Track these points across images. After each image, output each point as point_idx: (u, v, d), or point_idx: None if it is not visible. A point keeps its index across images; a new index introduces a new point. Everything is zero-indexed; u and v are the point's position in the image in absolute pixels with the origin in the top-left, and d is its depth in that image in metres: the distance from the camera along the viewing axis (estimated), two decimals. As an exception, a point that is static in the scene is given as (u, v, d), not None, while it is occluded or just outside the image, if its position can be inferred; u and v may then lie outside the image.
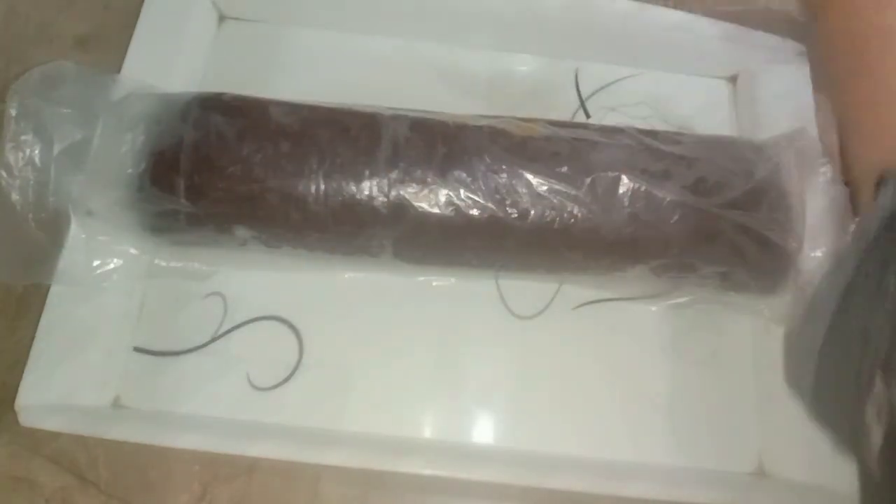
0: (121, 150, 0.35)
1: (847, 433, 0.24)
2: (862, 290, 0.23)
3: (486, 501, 0.37)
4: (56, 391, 0.35)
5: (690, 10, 0.44)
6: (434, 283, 0.40)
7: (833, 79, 0.31)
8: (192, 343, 0.39)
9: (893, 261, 0.22)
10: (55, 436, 0.36)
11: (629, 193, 0.35)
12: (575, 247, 0.36)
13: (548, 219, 0.35)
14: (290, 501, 0.36)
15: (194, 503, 0.36)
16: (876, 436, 0.21)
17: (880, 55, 0.28)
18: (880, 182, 0.25)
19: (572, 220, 0.35)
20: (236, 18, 0.46)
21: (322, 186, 0.34)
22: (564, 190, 0.35)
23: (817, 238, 0.35)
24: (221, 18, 0.46)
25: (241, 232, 0.36)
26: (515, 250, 0.36)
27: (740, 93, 0.47)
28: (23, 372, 0.35)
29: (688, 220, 0.35)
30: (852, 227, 0.29)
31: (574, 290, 0.41)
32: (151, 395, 0.38)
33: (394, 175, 0.34)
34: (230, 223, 0.35)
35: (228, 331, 0.39)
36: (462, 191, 0.35)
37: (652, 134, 0.38)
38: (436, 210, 0.35)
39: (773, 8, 0.50)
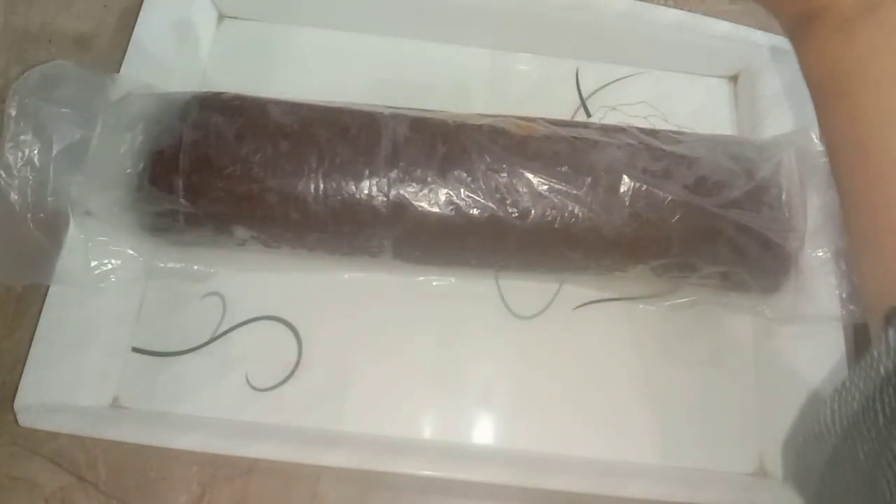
0: (120, 150, 0.35)
1: None
2: (868, 432, 0.22)
3: (486, 502, 0.37)
4: (55, 391, 0.35)
5: (691, 10, 0.44)
6: (434, 283, 0.40)
7: (836, 184, 0.27)
8: (190, 343, 0.39)
9: None
10: (54, 436, 0.36)
11: (630, 193, 0.35)
12: (575, 246, 0.36)
13: (548, 218, 0.35)
14: (289, 502, 0.36)
15: (193, 503, 0.36)
16: None
17: (884, 178, 0.24)
18: (888, 319, 0.23)
19: (573, 220, 0.35)
20: (236, 18, 0.46)
21: (321, 186, 0.34)
22: (565, 189, 0.35)
23: (818, 237, 0.35)
24: (221, 18, 0.46)
25: (240, 232, 0.36)
26: (516, 250, 0.36)
27: (741, 92, 0.47)
28: (22, 372, 0.35)
29: (688, 219, 0.35)
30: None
31: (574, 290, 0.41)
32: (150, 395, 0.38)
33: (393, 174, 0.34)
34: (229, 223, 0.35)
35: (227, 331, 0.39)
36: (462, 190, 0.34)
37: (652, 133, 0.38)
38: (436, 209, 0.34)
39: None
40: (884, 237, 0.24)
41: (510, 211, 0.35)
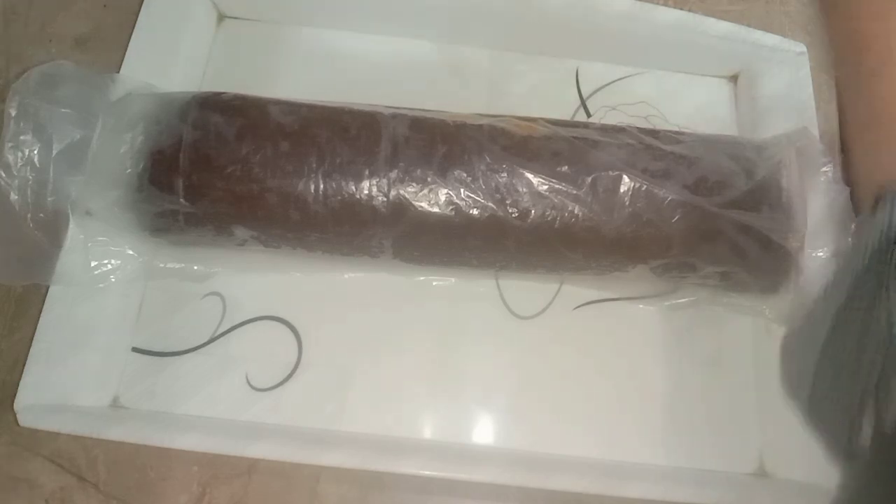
0: (120, 150, 0.35)
1: (841, 445, 0.24)
2: (856, 310, 0.23)
3: (486, 502, 0.37)
4: (55, 391, 0.35)
5: (691, 10, 0.44)
6: (434, 283, 0.40)
7: (838, 82, 0.31)
8: (190, 343, 0.39)
9: (884, 287, 0.22)
10: (54, 436, 0.36)
11: (630, 193, 0.35)
12: (575, 246, 0.36)
13: (548, 218, 0.35)
14: (288, 502, 0.36)
15: (193, 503, 0.36)
16: (867, 449, 0.21)
17: (880, 69, 0.27)
18: (878, 197, 0.25)
19: (573, 220, 0.35)
20: (236, 18, 0.46)
21: (321, 186, 0.34)
22: (565, 189, 0.35)
23: (818, 237, 0.35)
24: (221, 18, 0.46)
25: (240, 232, 0.36)
26: (516, 250, 0.36)
27: (741, 92, 0.47)
28: (22, 372, 0.35)
29: (688, 219, 0.35)
30: (852, 232, 0.29)
31: (574, 290, 0.41)
32: (150, 395, 0.38)
33: (393, 174, 0.34)
34: (229, 223, 0.35)
35: (227, 331, 0.39)
36: (462, 190, 0.34)
37: (653, 133, 0.38)
38: (436, 209, 0.34)
39: (773, 8, 0.50)
40: (878, 126, 0.26)
41: (510, 211, 0.35)
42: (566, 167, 0.35)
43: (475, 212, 0.35)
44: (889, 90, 0.26)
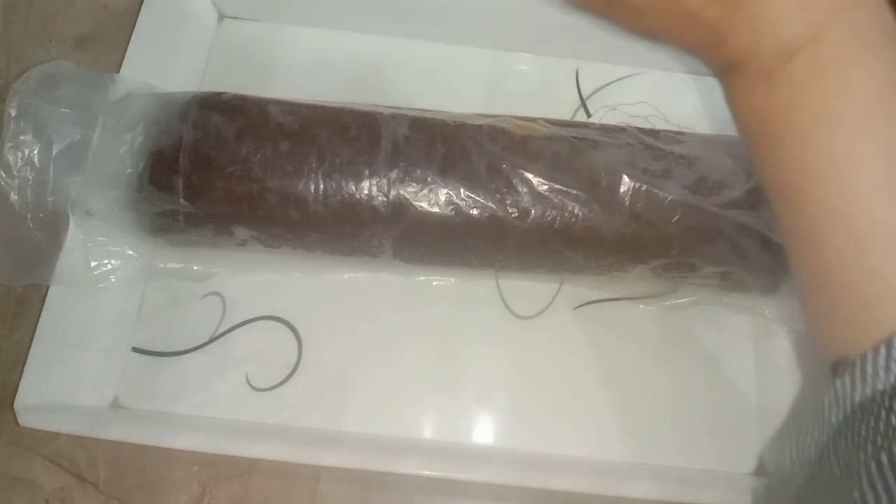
0: (120, 150, 0.35)
1: None
2: (827, 486, 0.22)
3: (486, 502, 0.37)
4: (55, 391, 0.35)
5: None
6: (434, 283, 0.40)
7: (779, 231, 0.26)
8: (190, 343, 0.39)
9: (856, 474, 0.20)
10: (54, 436, 0.36)
11: (630, 193, 0.35)
12: (575, 246, 0.36)
13: (548, 218, 0.35)
14: (289, 502, 0.36)
15: (193, 503, 0.36)
16: None
17: (822, 230, 0.23)
18: (835, 369, 0.23)
19: (573, 220, 0.35)
20: (236, 18, 0.46)
21: (321, 186, 0.34)
22: (565, 189, 0.35)
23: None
24: (221, 18, 0.46)
25: (240, 232, 0.36)
26: (516, 250, 0.36)
27: (741, 92, 0.47)
28: (22, 372, 0.35)
29: (688, 219, 0.35)
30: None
31: (574, 290, 0.41)
32: (150, 395, 0.38)
33: (393, 174, 0.34)
34: (229, 223, 0.35)
35: (227, 331, 0.39)
36: (462, 190, 0.34)
37: (653, 133, 0.38)
38: (436, 209, 0.34)
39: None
40: (828, 287, 0.23)
41: (510, 211, 0.35)
42: (566, 167, 0.35)
43: (475, 212, 0.35)
44: (834, 253, 0.23)
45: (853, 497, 0.19)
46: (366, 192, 0.34)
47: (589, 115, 0.45)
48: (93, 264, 0.36)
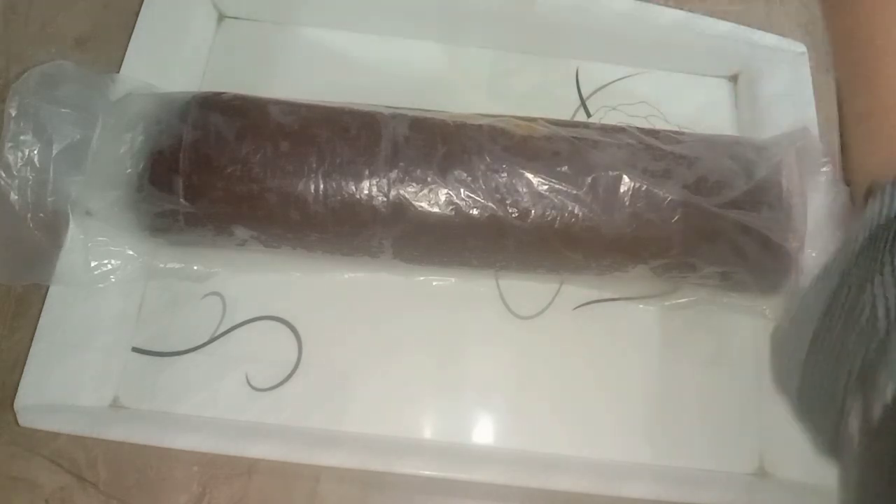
0: (120, 150, 0.35)
1: (829, 438, 0.24)
2: (844, 301, 0.23)
3: (486, 502, 0.37)
4: (55, 391, 0.35)
5: (691, 10, 0.44)
6: (434, 283, 0.40)
7: (837, 78, 0.30)
8: (190, 343, 0.39)
9: (870, 281, 0.22)
10: (54, 436, 0.36)
11: (630, 193, 0.35)
12: (575, 246, 0.36)
13: (548, 218, 0.35)
14: (289, 502, 0.36)
15: (193, 503, 0.36)
16: (855, 443, 0.21)
17: (877, 64, 0.27)
18: (868, 193, 0.25)
19: (573, 220, 0.35)
20: (236, 18, 0.46)
21: (321, 186, 0.34)
22: (565, 189, 0.35)
23: (818, 238, 0.35)
24: (221, 18, 0.46)
25: (240, 232, 0.36)
26: (516, 250, 0.36)
27: (741, 92, 0.47)
28: (22, 372, 0.35)
29: (688, 219, 0.35)
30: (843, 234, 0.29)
31: (574, 290, 0.41)
32: (150, 395, 0.38)
33: (393, 174, 0.34)
34: (229, 223, 0.35)
35: (227, 331, 0.39)
36: (462, 190, 0.34)
37: (653, 133, 0.38)
38: (436, 209, 0.34)
39: (774, 8, 0.50)
40: (875, 118, 0.27)
41: (510, 211, 0.35)
42: (566, 167, 0.35)
43: (475, 212, 0.35)
44: (887, 82, 0.26)
45: (863, 301, 0.22)
46: (366, 192, 0.34)
47: (589, 115, 0.45)
48: (93, 264, 0.36)
